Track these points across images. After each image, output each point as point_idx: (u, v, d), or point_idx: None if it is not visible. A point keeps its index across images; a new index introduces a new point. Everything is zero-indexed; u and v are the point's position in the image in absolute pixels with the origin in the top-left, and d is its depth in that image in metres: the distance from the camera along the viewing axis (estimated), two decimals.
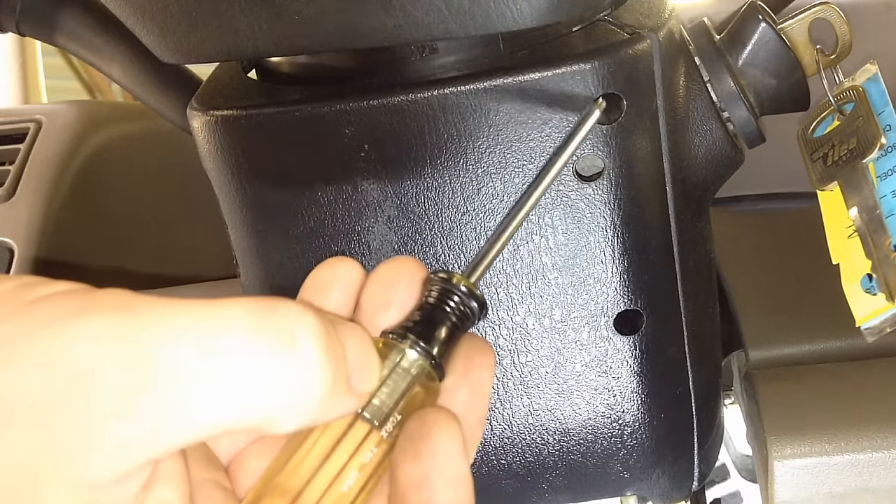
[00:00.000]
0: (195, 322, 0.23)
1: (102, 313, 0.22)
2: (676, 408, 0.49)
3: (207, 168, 0.44)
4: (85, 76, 2.23)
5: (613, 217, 0.42)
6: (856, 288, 0.43)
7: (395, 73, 0.41)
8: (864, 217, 0.43)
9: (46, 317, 0.22)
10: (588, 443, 0.48)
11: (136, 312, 0.23)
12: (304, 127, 0.41)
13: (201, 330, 0.23)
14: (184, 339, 0.22)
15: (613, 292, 0.44)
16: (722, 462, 0.75)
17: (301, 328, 0.24)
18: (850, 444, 0.55)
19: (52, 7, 0.59)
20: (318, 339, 0.24)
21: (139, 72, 0.61)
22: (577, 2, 0.38)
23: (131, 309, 0.23)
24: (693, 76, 0.46)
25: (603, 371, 0.46)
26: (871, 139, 0.44)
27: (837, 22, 0.46)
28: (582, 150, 0.41)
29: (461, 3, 0.35)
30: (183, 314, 0.23)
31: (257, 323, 0.23)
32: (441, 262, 0.43)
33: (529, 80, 0.39)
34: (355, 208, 0.42)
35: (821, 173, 0.46)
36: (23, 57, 1.21)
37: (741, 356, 0.62)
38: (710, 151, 0.46)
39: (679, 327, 0.47)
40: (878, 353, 0.59)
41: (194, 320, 0.23)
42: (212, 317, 0.23)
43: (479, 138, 0.40)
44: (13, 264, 0.75)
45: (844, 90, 0.47)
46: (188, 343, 0.22)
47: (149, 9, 0.37)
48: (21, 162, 0.82)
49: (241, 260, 0.47)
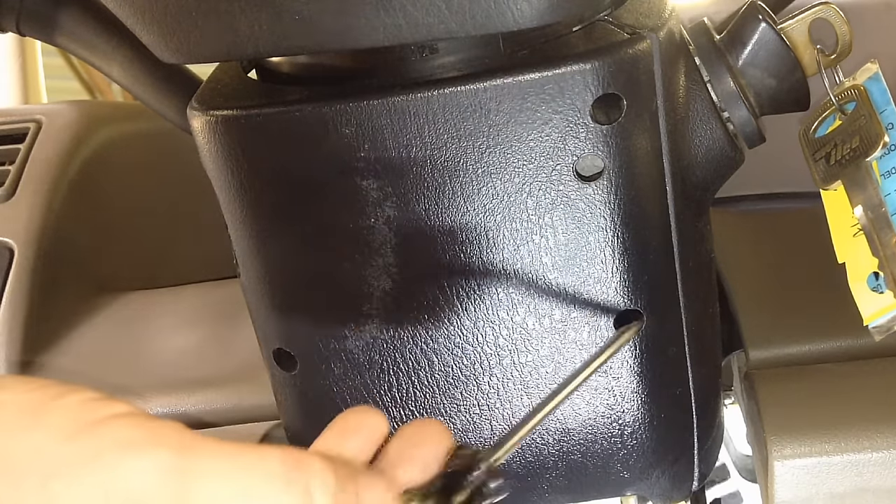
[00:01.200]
0: (239, 468, 0.25)
1: (164, 447, 0.24)
2: (676, 408, 0.49)
3: (207, 168, 0.44)
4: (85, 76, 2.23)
5: (613, 217, 0.42)
6: (862, 286, 0.43)
7: (395, 73, 0.41)
8: (870, 215, 0.43)
9: (113, 441, 0.24)
10: (588, 443, 0.48)
11: (193, 451, 0.25)
12: (304, 127, 0.41)
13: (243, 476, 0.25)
14: (228, 481, 0.25)
15: (613, 292, 0.44)
16: (722, 462, 0.75)
17: (319, 485, 0.26)
18: (850, 444, 0.55)
19: (52, 7, 0.59)
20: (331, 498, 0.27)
21: (139, 72, 0.61)
22: (577, 2, 0.38)
23: (189, 448, 0.25)
24: (693, 76, 0.46)
25: (603, 371, 0.46)
26: (874, 138, 0.44)
27: (837, 22, 0.46)
28: (582, 150, 0.41)
29: (461, 3, 0.35)
30: (230, 458, 0.25)
31: (285, 476, 0.26)
32: (441, 262, 0.43)
33: (529, 80, 0.39)
34: (355, 208, 0.42)
35: (824, 173, 0.46)
36: (23, 57, 1.21)
37: (741, 356, 0.62)
38: (710, 151, 0.46)
39: (679, 327, 0.47)
40: (877, 353, 0.59)
41: (239, 467, 0.25)
42: (252, 465, 0.26)
43: (479, 138, 0.40)
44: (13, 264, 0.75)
45: (846, 89, 0.47)
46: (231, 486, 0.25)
47: (149, 9, 0.37)
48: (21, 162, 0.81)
49: (241, 260, 0.47)
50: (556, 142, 0.40)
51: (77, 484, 0.23)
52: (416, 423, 0.33)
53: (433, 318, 0.45)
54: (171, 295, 0.76)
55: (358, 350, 0.46)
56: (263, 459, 0.26)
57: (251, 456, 0.26)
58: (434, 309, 0.44)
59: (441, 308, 0.44)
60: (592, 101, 0.40)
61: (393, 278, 0.44)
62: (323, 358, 0.46)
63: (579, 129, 0.40)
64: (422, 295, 0.44)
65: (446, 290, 0.44)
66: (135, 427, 0.24)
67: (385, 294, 0.44)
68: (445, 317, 0.45)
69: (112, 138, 0.89)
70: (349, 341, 0.46)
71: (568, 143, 0.40)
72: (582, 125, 0.40)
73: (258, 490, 0.25)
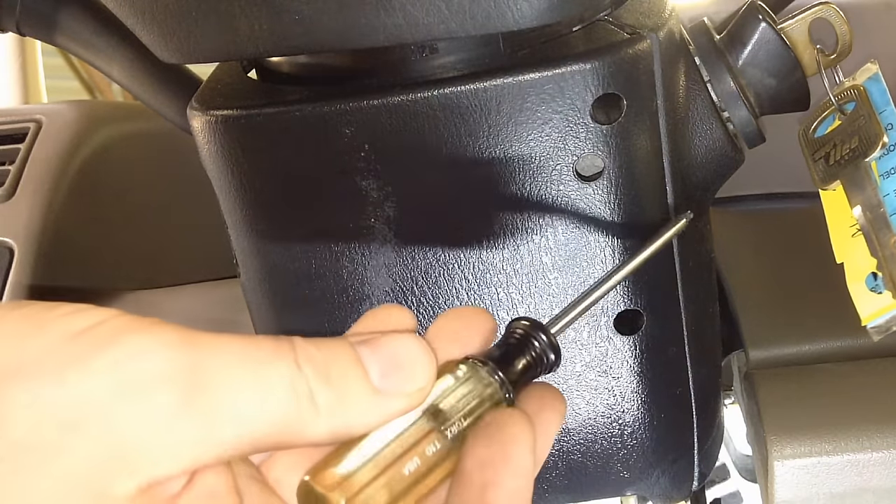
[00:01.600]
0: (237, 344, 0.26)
1: (168, 330, 0.25)
2: (676, 408, 0.49)
3: (207, 168, 0.44)
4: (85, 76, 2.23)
5: (613, 217, 0.42)
6: (860, 287, 0.43)
7: (395, 73, 0.41)
8: (868, 215, 0.43)
9: (117, 330, 0.25)
10: (588, 443, 0.48)
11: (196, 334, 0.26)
12: (304, 127, 0.41)
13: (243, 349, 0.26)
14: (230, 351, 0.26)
15: (613, 292, 0.44)
16: (722, 462, 0.75)
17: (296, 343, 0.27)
18: (850, 444, 0.55)
19: (52, 7, 0.59)
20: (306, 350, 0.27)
21: (139, 72, 0.61)
22: (578, 2, 0.38)
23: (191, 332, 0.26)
24: (693, 76, 0.46)
25: (603, 371, 0.46)
26: (873, 138, 0.44)
27: (837, 22, 0.46)
28: (582, 150, 0.41)
29: (461, 2, 0.35)
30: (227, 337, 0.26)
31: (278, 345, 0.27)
32: (441, 262, 0.43)
33: (529, 80, 0.39)
34: (355, 208, 0.42)
35: (823, 173, 0.46)
36: (23, 57, 1.21)
37: (741, 356, 0.62)
38: (710, 151, 0.46)
39: (679, 327, 0.47)
40: (877, 352, 0.59)
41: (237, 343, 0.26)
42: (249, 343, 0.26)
43: (479, 138, 0.40)
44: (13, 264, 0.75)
45: (845, 90, 0.47)
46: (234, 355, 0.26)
47: (149, 9, 0.37)
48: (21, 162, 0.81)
49: (241, 260, 0.47)
50: (556, 142, 0.40)
51: (89, 372, 0.24)
52: (456, 309, 0.33)
53: (433, 318, 0.45)
54: (171, 295, 0.76)
55: None
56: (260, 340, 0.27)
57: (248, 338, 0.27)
58: (434, 309, 0.44)
59: (441, 308, 0.44)
60: (592, 101, 0.40)
61: (393, 278, 0.44)
62: None
63: (579, 129, 0.40)
64: (422, 295, 0.44)
65: (446, 290, 0.44)
66: (134, 320, 0.25)
67: (385, 294, 0.44)
68: None
69: (112, 138, 0.89)
70: None
71: (568, 143, 0.40)
72: (582, 125, 0.40)
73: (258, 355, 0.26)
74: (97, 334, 0.25)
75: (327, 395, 0.26)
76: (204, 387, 0.25)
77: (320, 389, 0.26)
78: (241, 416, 0.25)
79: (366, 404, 0.27)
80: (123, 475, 0.24)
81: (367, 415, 0.27)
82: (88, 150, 0.85)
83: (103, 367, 0.24)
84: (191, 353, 0.25)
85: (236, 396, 0.25)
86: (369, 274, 0.44)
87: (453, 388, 0.29)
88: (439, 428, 0.28)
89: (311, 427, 0.26)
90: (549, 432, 0.32)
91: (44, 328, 0.25)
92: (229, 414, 0.25)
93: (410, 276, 0.44)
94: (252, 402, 0.25)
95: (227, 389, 0.25)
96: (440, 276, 0.44)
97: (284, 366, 0.26)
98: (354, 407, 0.27)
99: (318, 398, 0.26)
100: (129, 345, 0.24)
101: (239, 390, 0.25)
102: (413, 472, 0.28)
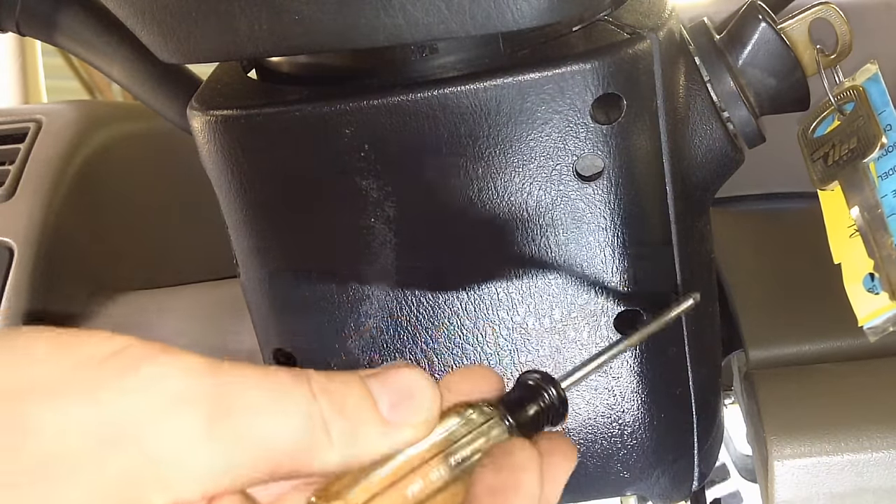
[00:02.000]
0: (257, 373, 0.27)
1: (188, 354, 0.26)
2: (676, 408, 0.49)
3: (207, 168, 0.44)
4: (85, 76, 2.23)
5: (613, 217, 0.42)
6: (858, 287, 0.43)
7: (395, 73, 0.41)
8: (866, 216, 0.43)
9: (145, 355, 0.26)
10: (588, 443, 0.48)
11: (213, 359, 0.27)
12: (304, 127, 0.41)
13: (263, 377, 0.27)
14: (250, 379, 0.27)
15: (613, 292, 0.44)
16: (722, 462, 0.75)
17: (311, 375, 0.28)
18: (850, 444, 0.55)
19: (52, 7, 0.59)
20: (320, 382, 0.28)
21: (139, 72, 0.61)
22: (577, 2, 0.38)
23: (209, 358, 0.27)
24: (693, 76, 0.46)
25: (603, 371, 0.46)
26: (872, 139, 0.44)
27: (837, 22, 0.46)
28: (582, 150, 0.41)
29: (461, 2, 0.35)
30: (246, 366, 0.27)
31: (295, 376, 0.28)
32: (441, 262, 0.43)
33: (529, 80, 0.39)
34: (355, 208, 0.42)
35: (821, 173, 0.46)
36: (23, 57, 1.21)
37: (741, 356, 0.62)
38: (710, 151, 0.46)
39: (679, 327, 0.47)
40: (877, 352, 0.59)
41: (257, 372, 0.27)
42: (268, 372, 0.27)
43: (479, 138, 0.40)
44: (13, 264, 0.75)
45: (845, 90, 0.47)
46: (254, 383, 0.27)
47: (149, 9, 0.37)
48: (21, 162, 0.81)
49: (241, 260, 0.47)
50: (556, 142, 0.40)
51: (122, 392, 0.25)
52: (465, 368, 0.34)
53: (433, 318, 0.45)
54: (171, 295, 0.76)
55: (358, 350, 0.46)
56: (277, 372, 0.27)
57: (269, 369, 0.28)
58: (434, 309, 0.44)
59: (441, 308, 0.44)
60: (592, 101, 0.40)
61: (393, 278, 0.44)
62: (323, 358, 0.46)
63: (579, 129, 0.40)
64: (422, 295, 0.44)
65: (446, 290, 0.44)
66: (152, 346, 0.26)
67: (385, 294, 0.44)
68: (445, 317, 0.45)
69: (112, 138, 0.89)
70: (349, 341, 0.46)
71: (568, 143, 0.40)
72: (582, 125, 0.40)
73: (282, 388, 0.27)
74: (124, 357, 0.26)
75: (341, 426, 0.27)
76: (227, 411, 0.26)
77: (334, 420, 0.27)
78: (261, 442, 0.26)
79: (376, 435, 0.28)
80: (156, 491, 0.25)
81: (376, 445, 0.28)
82: (88, 150, 0.85)
83: (135, 388, 0.25)
84: (214, 379, 0.26)
85: (257, 422, 0.26)
86: (369, 274, 0.44)
87: (461, 424, 0.30)
88: (444, 456, 0.29)
89: (324, 455, 0.27)
90: (558, 477, 0.33)
91: (71, 351, 0.26)
92: (249, 439, 0.26)
93: (410, 276, 0.44)
94: (271, 428, 0.26)
95: (249, 415, 0.26)
96: (440, 277, 0.44)
97: (301, 395, 0.27)
98: (365, 437, 0.28)
99: (332, 428, 0.27)
100: (157, 368, 0.26)
101: (259, 416, 0.26)
102: (416, 495, 0.28)
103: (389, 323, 0.45)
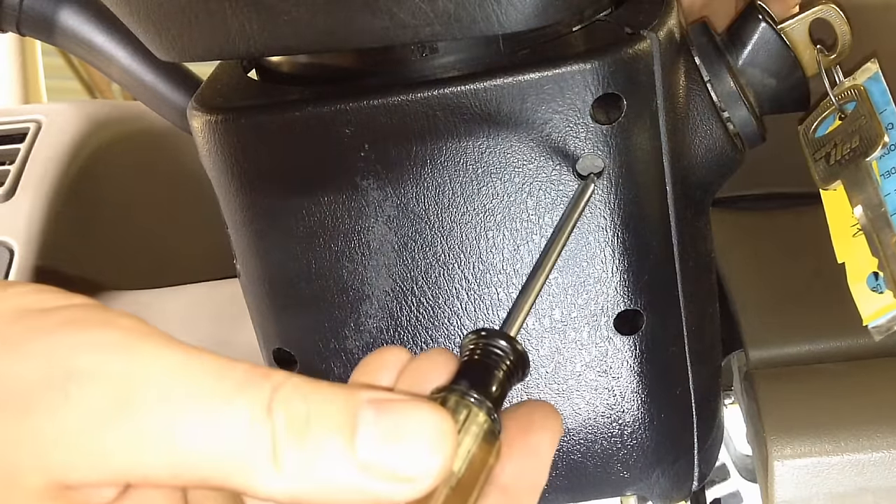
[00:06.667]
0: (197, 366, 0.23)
1: (116, 328, 0.23)
2: (676, 408, 0.49)
3: (207, 168, 0.44)
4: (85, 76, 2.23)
5: (613, 217, 0.42)
6: (862, 286, 0.43)
7: (395, 73, 0.41)
8: (869, 215, 0.43)
9: (62, 320, 0.23)
10: (588, 443, 0.48)
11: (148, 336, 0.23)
12: (304, 127, 0.41)
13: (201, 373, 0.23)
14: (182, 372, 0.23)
15: (613, 292, 0.44)
16: (722, 462, 0.75)
17: (279, 384, 0.23)
18: (850, 444, 0.55)
19: (52, 7, 0.59)
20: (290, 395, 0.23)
21: (139, 72, 0.61)
22: (564, 6, 0.38)
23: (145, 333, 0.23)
24: (693, 76, 0.46)
25: (603, 371, 0.46)
26: (874, 138, 0.44)
27: (837, 22, 0.46)
28: (582, 150, 0.41)
29: (446, 6, 0.35)
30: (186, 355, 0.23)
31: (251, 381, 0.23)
32: (441, 262, 0.43)
33: (529, 80, 0.39)
34: (355, 208, 0.42)
35: (824, 172, 0.46)
36: (23, 57, 1.21)
37: (741, 356, 0.62)
38: (711, 151, 0.46)
39: (679, 327, 0.47)
40: (877, 352, 0.59)
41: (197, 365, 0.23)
42: (215, 368, 0.23)
43: (479, 138, 0.40)
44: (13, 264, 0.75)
45: (846, 89, 0.47)
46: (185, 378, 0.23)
47: (143, 6, 0.37)
48: (21, 162, 0.81)
49: (241, 260, 0.47)
50: (556, 142, 0.40)
51: (15, 356, 0.23)
52: (422, 354, 0.30)
53: (433, 318, 0.45)
54: (171, 295, 0.76)
55: (358, 350, 0.46)
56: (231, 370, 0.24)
57: (223, 364, 0.24)
58: (434, 309, 0.44)
59: (441, 308, 0.44)
60: (592, 101, 0.40)
61: (393, 278, 0.44)
62: (323, 358, 0.46)
63: (579, 129, 0.40)
64: (422, 295, 0.44)
65: (446, 290, 0.44)
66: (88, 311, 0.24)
67: (385, 294, 0.44)
68: (445, 317, 0.45)
69: (112, 138, 0.89)
70: (349, 341, 0.46)
71: (568, 143, 0.40)
72: (582, 125, 0.40)
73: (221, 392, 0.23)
74: (44, 318, 0.23)
75: (295, 456, 0.22)
76: (133, 403, 0.22)
77: (288, 446, 0.22)
78: (173, 446, 0.22)
79: (343, 480, 0.23)
80: (34, 468, 0.22)
81: (341, 493, 0.23)
82: (88, 150, 0.85)
83: (35, 354, 0.23)
84: (130, 363, 0.23)
85: (168, 423, 0.22)
86: (369, 274, 0.44)
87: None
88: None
89: (264, 483, 0.22)
90: (539, 458, 0.29)
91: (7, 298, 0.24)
92: (157, 439, 0.22)
93: (410, 276, 0.44)
94: (190, 435, 0.22)
95: (159, 413, 0.22)
96: (440, 277, 0.44)
97: (246, 407, 0.23)
98: (328, 476, 0.22)
99: (284, 454, 0.22)
100: (71, 337, 0.23)
101: (174, 418, 0.22)
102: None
103: (389, 323, 0.45)
